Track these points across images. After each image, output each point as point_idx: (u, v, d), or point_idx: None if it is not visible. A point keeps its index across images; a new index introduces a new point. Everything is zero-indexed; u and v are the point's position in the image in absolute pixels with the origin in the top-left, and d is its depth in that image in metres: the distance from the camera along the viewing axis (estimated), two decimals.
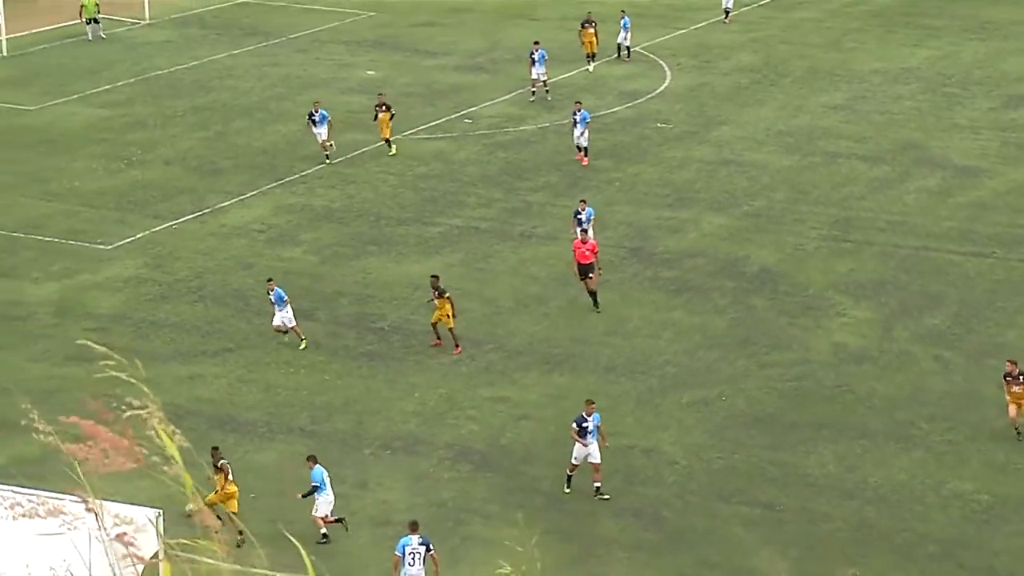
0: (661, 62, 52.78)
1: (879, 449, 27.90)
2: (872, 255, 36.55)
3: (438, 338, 31.65)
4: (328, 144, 41.43)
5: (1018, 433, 27.98)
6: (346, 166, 42.13)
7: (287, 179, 41.15)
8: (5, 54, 52.42)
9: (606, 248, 36.79)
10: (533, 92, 47.66)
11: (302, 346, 31.34)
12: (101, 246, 36.63)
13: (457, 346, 31.43)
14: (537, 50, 47.40)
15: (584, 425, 26.34)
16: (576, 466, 26.44)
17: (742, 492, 26.53)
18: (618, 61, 52.11)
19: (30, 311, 33.02)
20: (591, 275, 33.15)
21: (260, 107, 47.08)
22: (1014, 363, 28.03)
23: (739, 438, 28.23)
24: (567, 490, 26.49)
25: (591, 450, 26.31)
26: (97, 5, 53.88)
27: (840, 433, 28.43)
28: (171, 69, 51.23)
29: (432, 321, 31.50)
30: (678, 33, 56.55)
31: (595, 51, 51.20)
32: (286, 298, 31.25)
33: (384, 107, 41.55)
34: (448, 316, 31.16)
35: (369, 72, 51.06)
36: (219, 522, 6.17)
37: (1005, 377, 28.17)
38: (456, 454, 27.63)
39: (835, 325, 32.92)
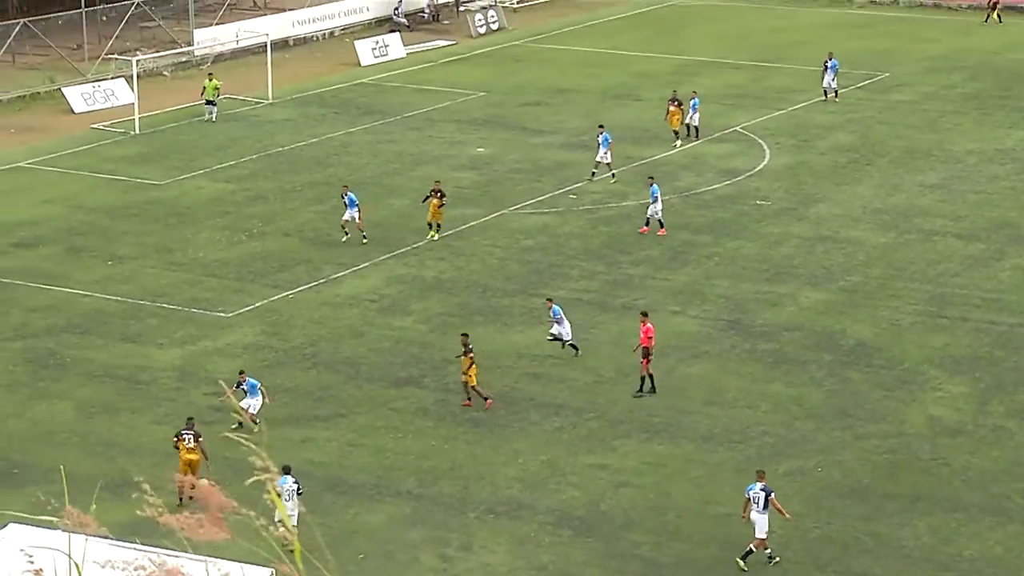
0: (760, 141, 52.65)
1: (974, 522, 27.35)
2: (967, 331, 36.02)
3: (468, 399, 31.86)
4: (351, 223, 41.10)
5: None
6: (455, 239, 42.40)
7: (399, 251, 41.49)
8: (137, 132, 53.55)
9: (705, 321, 36.65)
10: (593, 173, 47.57)
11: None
12: (222, 314, 37.13)
13: (487, 399, 31.67)
14: (601, 133, 47.45)
15: (753, 495, 25.97)
16: (763, 541, 25.95)
17: (837, 561, 26.13)
18: (698, 140, 51.94)
19: (154, 376, 33.51)
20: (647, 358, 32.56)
21: (374, 182, 47.61)
22: None
23: (835, 508, 27.85)
24: (744, 568, 25.92)
25: (760, 521, 25.95)
26: (217, 88, 54.72)
27: (935, 505, 27.93)
28: (291, 146, 52.00)
29: (463, 381, 31.93)
30: (777, 113, 56.40)
31: (678, 128, 51.28)
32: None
33: (437, 193, 41.25)
34: (470, 374, 31.60)
35: (479, 149, 51.48)
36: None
37: None
38: (557, 519, 27.52)
39: (930, 399, 32.44)
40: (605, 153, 47.21)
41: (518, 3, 78.64)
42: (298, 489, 26.11)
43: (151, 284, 39.06)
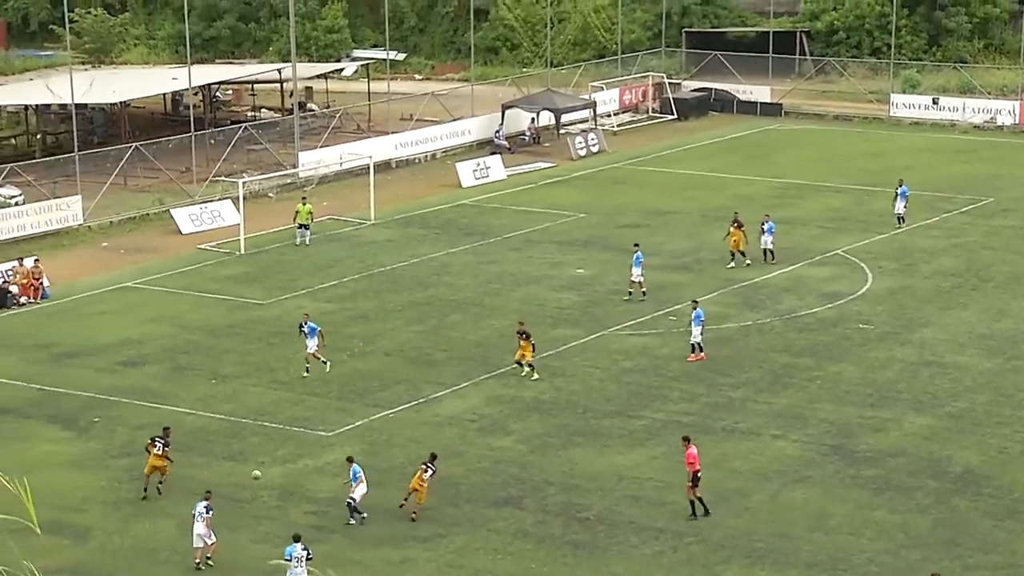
0: (862, 264, 52.29)
1: None
2: None
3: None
4: (315, 356, 40.80)
5: None
6: (555, 359, 42.38)
7: (499, 371, 41.53)
8: (242, 252, 54.42)
9: (808, 445, 36.18)
10: (630, 292, 47.78)
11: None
12: (323, 432, 37.31)
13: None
14: (636, 252, 47.97)
15: None
16: None
17: None
18: (769, 264, 51.58)
19: (255, 494, 33.64)
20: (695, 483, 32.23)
21: (475, 302, 47.84)
22: None
23: None
24: None
25: None
26: (310, 213, 55.37)
27: None
28: (393, 266, 52.51)
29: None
30: (879, 237, 56.05)
31: (742, 249, 51.33)
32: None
33: (522, 335, 41.21)
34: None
35: (579, 270, 51.61)
36: None
37: None
38: None
39: None
40: (639, 273, 47.66)
41: (618, 126, 79.30)
42: (308, 555, 28.33)
43: (253, 402, 39.39)
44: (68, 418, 38.45)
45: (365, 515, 32.05)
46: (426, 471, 32.38)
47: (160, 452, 33.32)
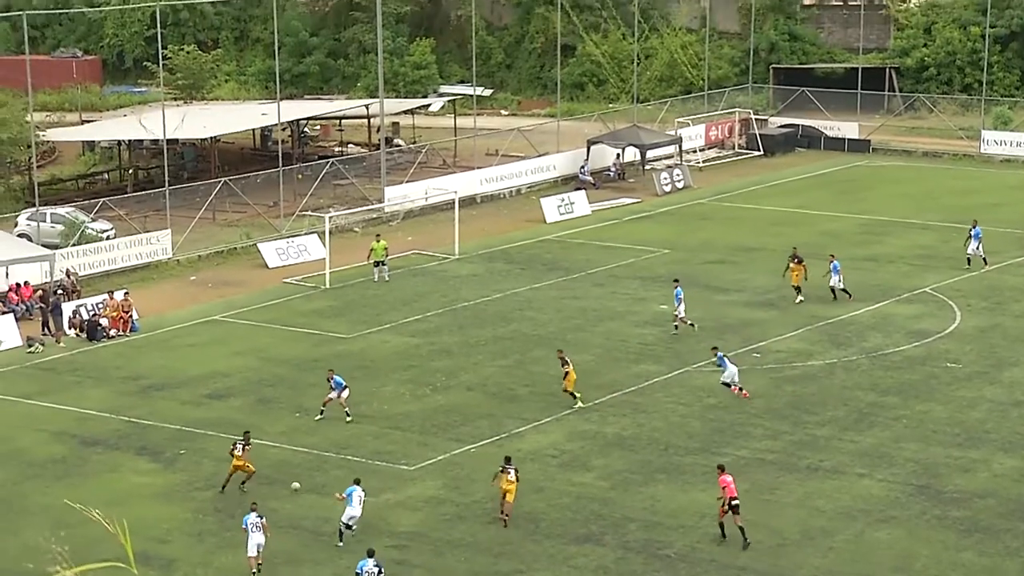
0: (951, 303, 51.68)
1: None
2: None
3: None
4: (341, 404, 40.52)
5: None
6: (637, 395, 42.25)
7: (581, 406, 41.44)
8: (327, 286, 54.87)
9: (893, 485, 35.73)
10: (676, 327, 47.96)
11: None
12: (405, 466, 37.43)
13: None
14: (676, 288, 48.22)
15: None
16: None
17: None
18: (840, 301, 51.10)
19: (337, 528, 33.77)
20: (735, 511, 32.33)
21: (558, 337, 47.81)
22: None
23: None
24: None
25: None
26: (385, 249, 55.45)
27: None
28: (476, 300, 52.67)
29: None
30: (968, 275, 55.37)
31: (799, 284, 51.24)
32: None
33: (563, 363, 41.42)
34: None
35: (662, 306, 51.44)
36: None
37: None
38: None
39: None
40: (679, 308, 47.71)
41: (704, 162, 79.12)
42: (379, 571, 29.37)
43: (336, 436, 39.61)
44: (155, 450, 38.90)
45: (350, 531, 32.72)
46: (506, 472, 33.56)
47: (240, 453, 35.45)
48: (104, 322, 49.38)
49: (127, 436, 39.96)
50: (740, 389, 41.60)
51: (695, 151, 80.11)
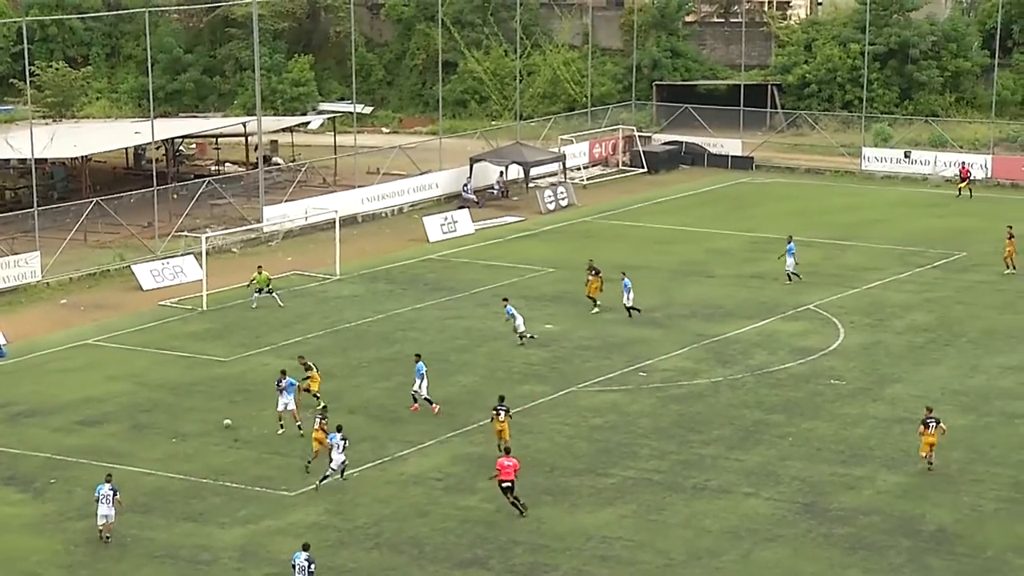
0: (834, 319, 52.55)
1: None
2: None
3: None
4: (294, 416, 41.09)
5: None
6: (523, 416, 42.36)
7: (465, 428, 41.49)
8: (205, 308, 54.33)
9: (779, 503, 36.22)
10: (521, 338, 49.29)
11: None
12: (285, 492, 37.14)
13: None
14: (506, 306, 49.50)
15: None
16: None
17: None
18: (635, 320, 52.10)
19: (215, 555, 33.42)
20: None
21: (441, 358, 47.80)
22: None
23: None
24: None
25: None
26: (268, 280, 54.69)
27: None
28: (358, 322, 52.50)
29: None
30: (851, 292, 56.37)
31: (595, 296, 53.41)
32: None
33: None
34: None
35: (548, 326, 51.66)
36: None
37: None
38: None
39: None
40: (518, 321, 49.03)
41: (588, 180, 79.69)
42: (310, 565, 30.54)
43: (215, 462, 39.21)
44: (24, 479, 38.16)
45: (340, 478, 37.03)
46: (498, 413, 38.77)
47: (318, 427, 38.30)
48: None
49: None
50: (430, 401, 42.54)
51: (579, 168, 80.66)
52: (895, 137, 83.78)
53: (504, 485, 35.29)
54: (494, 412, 39.14)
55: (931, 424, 38.15)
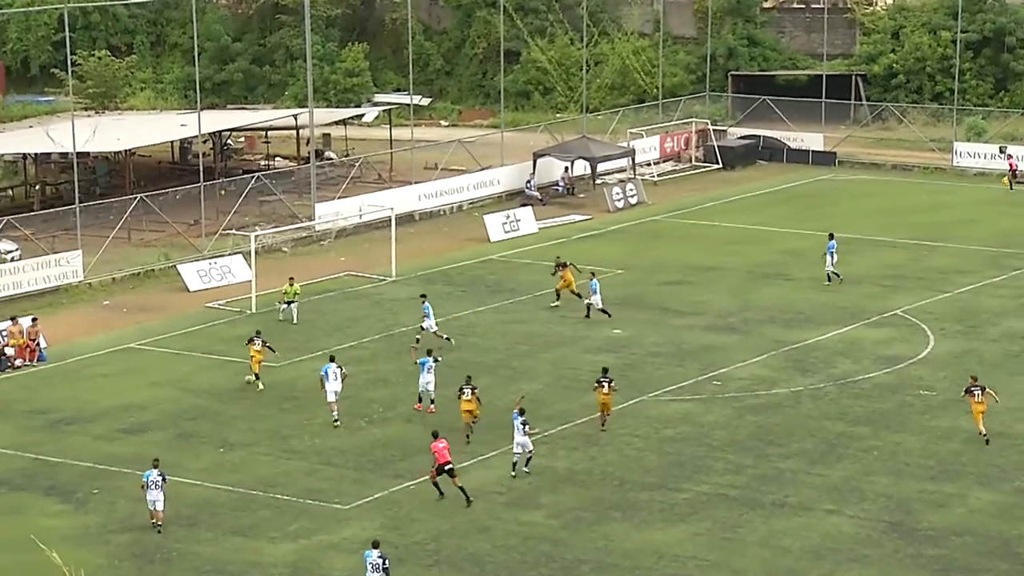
0: (923, 326, 52.15)
1: None
2: None
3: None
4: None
5: None
6: (589, 427, 42.32)
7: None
8: (253, 311, 54.65)
9: (864, 521, 35.96)
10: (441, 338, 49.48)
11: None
12: (339, 505, 37.28)
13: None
14: (423, 303, 49.89)
15: None
16: None
17: None
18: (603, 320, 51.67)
19: (265, 572, 33.58)
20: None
21: (502, 365, 47.83)
22: None
23: None
24: None
25: None
26: (297, 293, 54.55)
27: None
28: (415, 326, 52.59)
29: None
30: (941, 296, 55.91)
31: (562, 291, 53.96)
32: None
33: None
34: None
35: (615, 331, 51.60)
36: None
37: None
38: None
39: None
40: (429, 321, 49.32)
41: (658, 176, 79.53)
42: (384, 562, 31.11)
43: (264, 473, 39.41)
44: (65, 489, 38.53)
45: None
46: (602, 385, 41.44)
47: (469, 398, 40.69)
48: (9, 351, 48.93)
49: (34, 475, 39.56)
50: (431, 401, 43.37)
51: (649, 164, 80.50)
52: (989, 131, 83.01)
53: (447, 468, 36.36)
54: (596, 384, 41.91)
55: (976, 392, 39.50)
